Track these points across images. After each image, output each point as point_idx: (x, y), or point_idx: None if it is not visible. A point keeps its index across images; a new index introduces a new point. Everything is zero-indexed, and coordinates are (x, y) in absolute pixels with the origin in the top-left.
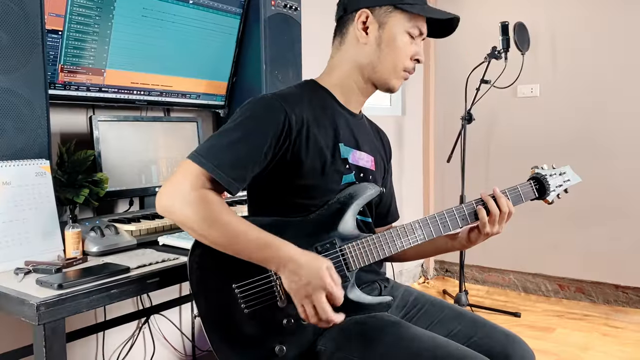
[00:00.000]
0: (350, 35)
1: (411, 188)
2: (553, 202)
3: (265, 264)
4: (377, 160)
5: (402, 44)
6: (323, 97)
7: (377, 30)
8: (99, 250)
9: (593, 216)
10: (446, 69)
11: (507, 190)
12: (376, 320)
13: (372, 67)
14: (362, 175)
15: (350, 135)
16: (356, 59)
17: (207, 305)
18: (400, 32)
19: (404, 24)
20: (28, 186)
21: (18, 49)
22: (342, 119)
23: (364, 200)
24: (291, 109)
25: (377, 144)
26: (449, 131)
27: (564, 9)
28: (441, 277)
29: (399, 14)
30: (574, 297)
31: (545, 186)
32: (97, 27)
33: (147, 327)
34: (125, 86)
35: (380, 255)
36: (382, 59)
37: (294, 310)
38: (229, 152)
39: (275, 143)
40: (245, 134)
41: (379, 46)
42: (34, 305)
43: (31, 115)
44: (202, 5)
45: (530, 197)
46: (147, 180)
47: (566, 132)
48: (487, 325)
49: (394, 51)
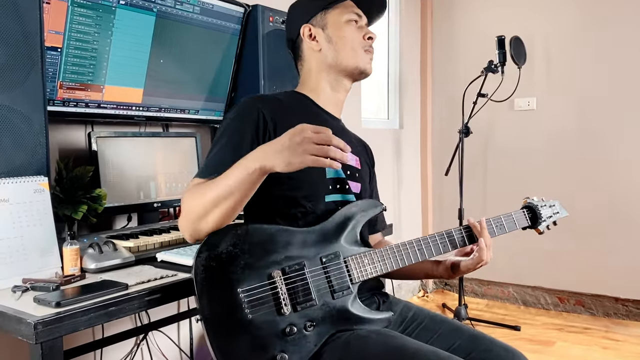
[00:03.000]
0: (306, 52)
1: (410, 201)
2: (543, 232)
3: (251, 173)
4: (361, 161)
5: (349, 31)
6: (304, 102)
7: (324, 33)
8: (97, 267)
9: (592, 229)
10: (444, 82)
11: (502, 217)
12: (379, 334)
13: (336, 61)
14: (350, 172)
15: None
16: (319, 64)
17: (211, 308)
18: (341, 24)
19: (341, 17)
20: (26, 203)
21: (17, 66)
22: (322, 119)
23: (368, 216)
24: (264, 105)
25: (360, 149)
26: (447, 144)
27: (560, 23)
28: (440, 291)
29: (332, 12)
30: (573, 310)
31: (538, 215)
32: (96, 43)
33: (145, 343)
34: (124, 102)
35: (383, 270)
36: (340, 50)
37: (297, 319)
38: (220, 156)
39: (257, 137)
40: (230, 136)
41: (332, 43)
42: (32, 324)
43: (30, 132)
44: (201, 23)
45: (523, 225)
46: (146, 196)
47: (563, 145)
48: (487, 340)
49: (346, 39)
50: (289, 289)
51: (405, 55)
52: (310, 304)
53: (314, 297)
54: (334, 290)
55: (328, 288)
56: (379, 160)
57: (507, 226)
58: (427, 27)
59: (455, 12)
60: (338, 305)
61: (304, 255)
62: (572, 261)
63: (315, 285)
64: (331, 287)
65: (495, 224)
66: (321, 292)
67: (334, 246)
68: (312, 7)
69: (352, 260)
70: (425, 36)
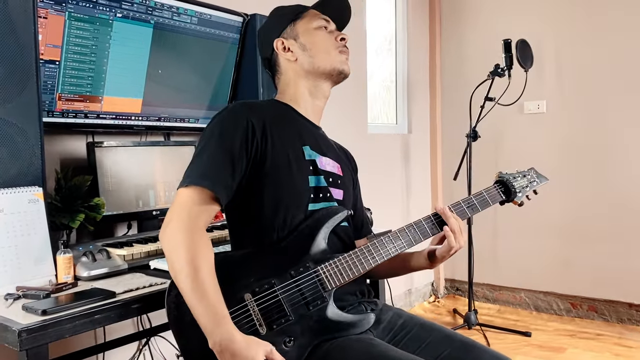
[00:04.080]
0: (282, 64)
1: (419, 206)
2: (522, 203)
3: (206, 333)
4: (343, 168)
5: (320, 36)
6: (285, 109)
7: (297, 43)
8: (89, 275)
9: (605, 232)
10: (453, 86)
11: (473, 196)
12: (359, 342)
13: (313, 66)
14: (331, 180)
15: (314, 141)
16: (297, 72)
17: (188, 343)
18: (312, 31)
19: (310, 24)
20: (20, 213)
21: (13, 80)
22: (305, 127)
23: (333, 223)
24: (252, 112)
25: (341, 155)
26: (457, 149)
27: (570, 25)
28: (452, 296)
29: (300, 22)
30: (586, 316)
31: (510, 188)
32: (94, 56)
33: (147, 349)
34: (123, 112)
35: (355, 273)
36: (315, 54)
37: (275, 337)
38: (207, 163)
39: (246, 143)
40: (217, 143)
41: (306, 50)
42: (16, 331)
43: (25, 144)
44: (199, 33)
45: (497, 200)
46: (145, 204)
47: (575, 147)
48: (478, 349)
49: (319, 43)
50: (261, 310)
51: (413, 60)
52: (286, 320)
53: (289, 313)
54: (308, 302)
55: (302, 301)
56: (386, 165)
57: (479, 205)
58: (436, 31)
59: (464, 16)
60: (315, 316)
61: (273, 274)
62: (585, 266)
63: (288, 301)
64: (305, 300)
65: (467, 205)
66: (295, 306)
67: (303, 258)
68: (281, 21)
69: (322, 268)
70: (434, 40)
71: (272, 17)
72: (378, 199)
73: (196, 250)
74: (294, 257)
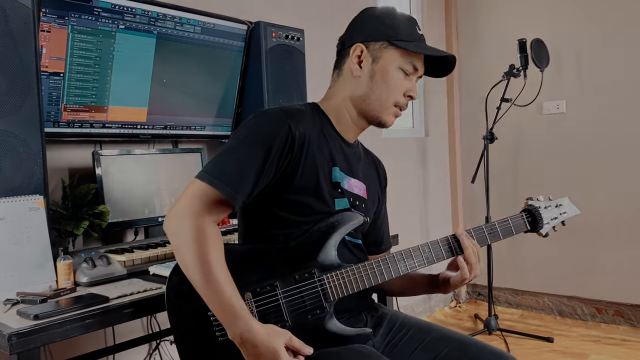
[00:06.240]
0: (346, 68)
1: (438, 210)
2: (547, 234)
3: (224, 326)
4: (369, 189)
5: (394, 79)
6: (322, 121)
7: (371, 64)
8: (88, 281)
9: (631, 235)
10: (470, 88)
11: (497, 223)
12: (350, 350)
13: (364, 99)
14: (357, 202)
15: (344, 161)
16: (350, 91)
17: (183, 333)
18: (393, 67)
19: (398, 59)
20: (21, 221)
21: (14, 92)
22: (337, 145)
23: (346, 230)
24: (295, 124)
25: (372, 173)
26: (475, 151)
27: (588, 23)
28: (473, 301)
29: (394, 50)
30: (612, 321)
31: (538, 219)
32: (98, 67)
33: (157, 353)
34: (129, 121)
35: (360, 287)
36: (374, 92)
37: None
38: (233, 166)
39: (279, 157)
40: (249, 148)
41: (372, 79)
42: (6, 335)
43: (28, 154)
44: (203, 42)
45: (522, 230)
46: (150, 211)
47: (596, 147)
48: (476, 346)
49: (386, 85)
50: (259, 311)
51: None
52: (282, 325)
53: (286, 318)
54: (308, 310)
55: (302, 308)
56: (403, 170)
57: (502, 233)
58: (452, 32)
59: (480, 16)
60: (312, 325)
61: (277, 275)
62: (610, 269)
63: (289, 306)
64: (305, 307)
65: (489, 231)
66: (294, 312)
67: (310, 264)
68: (379, 30)
69: (327, 278)
70: (450, 41)
71: (378, 19)
72: (394, 206)
73: (205, 241)
74: (301, 260)
